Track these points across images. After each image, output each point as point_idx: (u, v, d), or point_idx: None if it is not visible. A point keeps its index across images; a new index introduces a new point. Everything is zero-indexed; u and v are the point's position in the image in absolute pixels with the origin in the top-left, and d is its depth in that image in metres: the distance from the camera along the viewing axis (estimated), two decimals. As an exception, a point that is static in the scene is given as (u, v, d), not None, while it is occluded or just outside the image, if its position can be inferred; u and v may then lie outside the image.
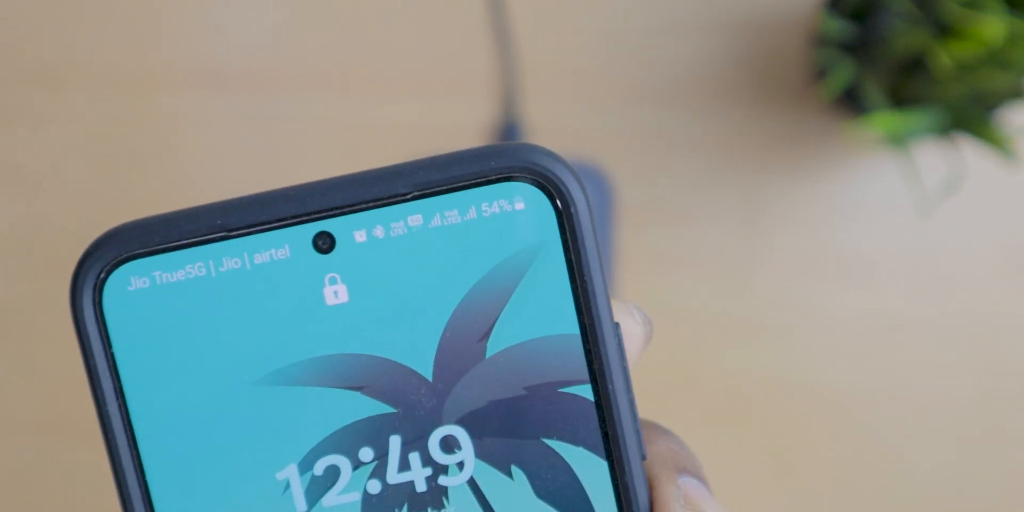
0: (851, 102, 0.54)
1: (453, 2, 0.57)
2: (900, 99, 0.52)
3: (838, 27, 0.52)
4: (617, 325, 0.24)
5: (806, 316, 0.56)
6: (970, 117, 0.50)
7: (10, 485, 0.57)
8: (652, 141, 0.56)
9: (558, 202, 0.23)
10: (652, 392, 0.36)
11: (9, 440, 0.57)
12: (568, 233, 0.23)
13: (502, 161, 0.23)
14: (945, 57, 0.48)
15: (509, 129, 0.56)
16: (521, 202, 0.23)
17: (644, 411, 0.27)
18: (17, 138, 0.57)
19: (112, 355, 0.23)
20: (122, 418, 0.23)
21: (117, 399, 0.23)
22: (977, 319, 0.56)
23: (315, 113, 0.57)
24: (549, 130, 0.56)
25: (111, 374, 0.23)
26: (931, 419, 0.56)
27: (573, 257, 0.23)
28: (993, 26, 0.46)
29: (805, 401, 0.56)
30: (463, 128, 0.57)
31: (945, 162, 0.54)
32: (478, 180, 0.23)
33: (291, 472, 0.23)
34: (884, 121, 0.48)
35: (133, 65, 0.57)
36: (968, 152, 0.53)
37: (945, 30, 0.49)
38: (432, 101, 0.57)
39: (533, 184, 0.23)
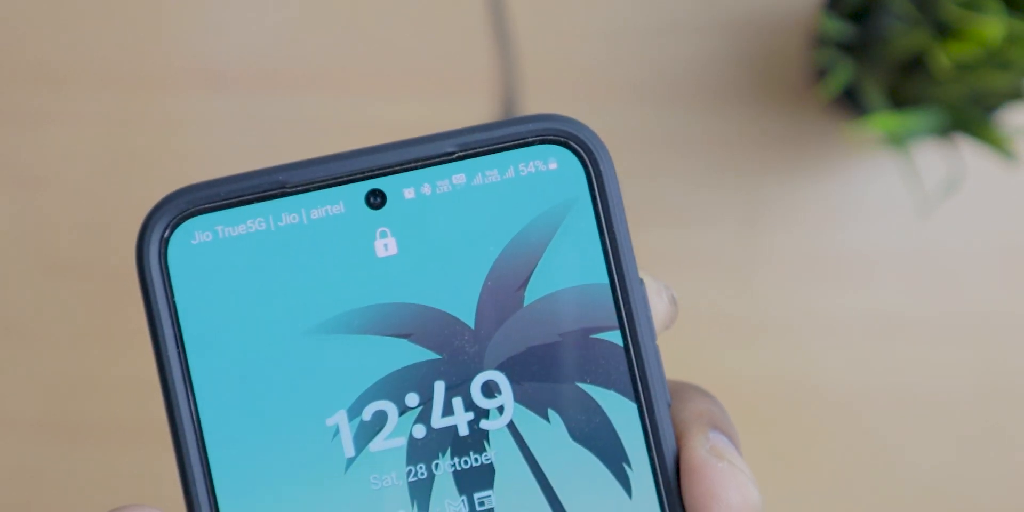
0: (851, 102, 0.54)
1: (453, 2, 0.57)
2: (900, 99, 0.52)
3: (838, 27, 0.52)
4: (641, 281, 0.26)
5: (806, 316, 0.56)
6: (970, 117, 0.50)
7: (10, 485, 0.57)
8: (652, 141, 0.56)
9: (588, 162, 0.25)
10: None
11: (9, 440, 0.57)
12: (597, 190, 0.25)
13: (537, 125, 0.25)
14: (945, 57, 0.48)
15: (509, 129, 0.56)
16: (554, 162, 0.25)
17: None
18: (18, 138, 0.57)
19: (174, 305, 0.24)
20: (180, 365, 0.24)
21: (177, 347, 0.24)
22: (977, 319, 0.56)
23: (315, 113, 0.57)
24: (549, 130, 0.56)
25: (172, 323, 0.24)
26: (931, 419, 0.56)
27: (601, 213, 0.25)
28: (992, 26, 0.46)
29: (805, 401, 0.56)
30: (463, 128, 0.57)
31: (945, 162, 0.54)
32: (516, 142, 0.25)
33: (340, 418, 0.24)
34: (884, 121, 0.48)
35: (133, 65, 0.57)
36: (968, 152, 0.53)
37: (945, 30, 0.49)
38: (432, 101, 0.57)
39: (565, 146, 0.25)
